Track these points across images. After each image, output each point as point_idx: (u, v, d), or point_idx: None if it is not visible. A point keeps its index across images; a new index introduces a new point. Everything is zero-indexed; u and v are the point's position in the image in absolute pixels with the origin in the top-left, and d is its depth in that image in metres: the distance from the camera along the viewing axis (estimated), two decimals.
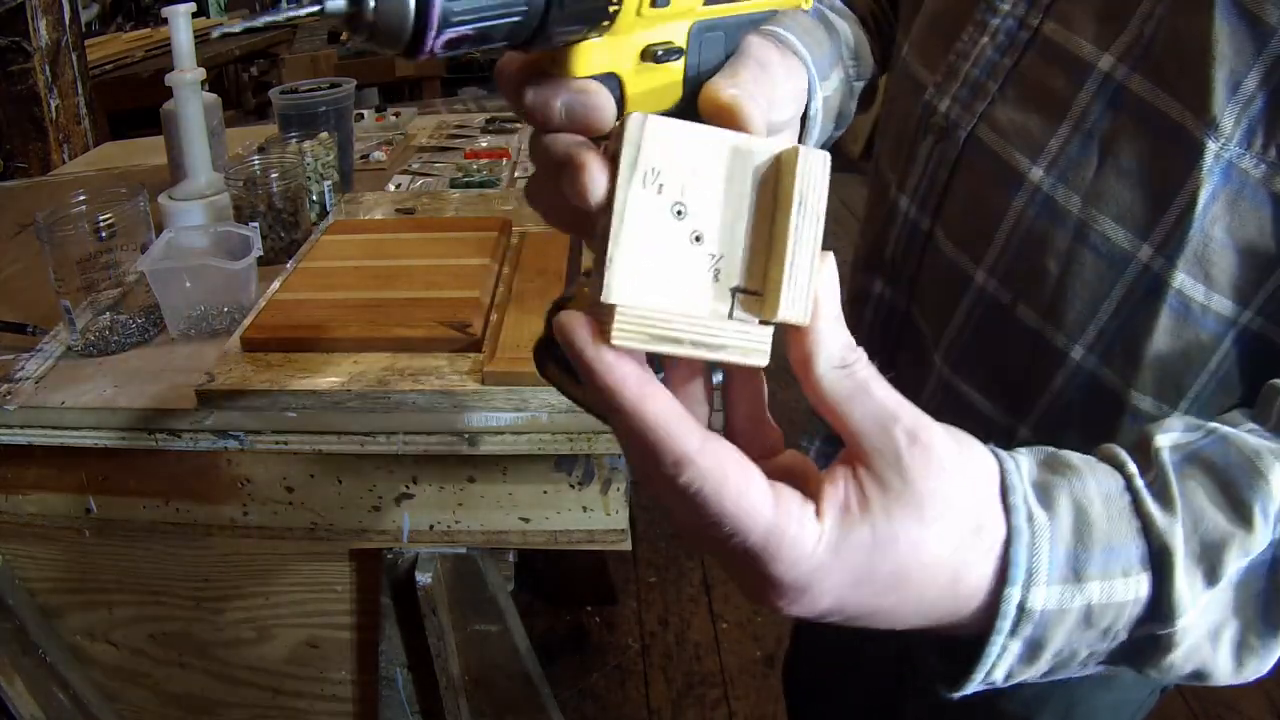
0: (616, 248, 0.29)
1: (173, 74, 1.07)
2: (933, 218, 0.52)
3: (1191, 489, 0.34)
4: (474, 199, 1.23)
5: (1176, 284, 0.43)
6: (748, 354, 0.31)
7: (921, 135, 0.52)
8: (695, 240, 0.30)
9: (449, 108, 1.96)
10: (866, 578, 0.31)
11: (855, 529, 0.30)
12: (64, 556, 0.97)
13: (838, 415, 0.31)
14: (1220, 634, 0.34)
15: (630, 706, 1.65)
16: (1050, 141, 0.45)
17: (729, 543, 0.30)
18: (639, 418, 0.29)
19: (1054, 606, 0.32)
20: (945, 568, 0.31)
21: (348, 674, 1.02)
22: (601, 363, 0.29)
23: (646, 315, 0.29)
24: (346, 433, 0.80)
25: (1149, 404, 0.46)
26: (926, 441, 0.31)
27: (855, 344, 0.31)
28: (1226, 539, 0.33)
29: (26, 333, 0.91)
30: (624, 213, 0.29)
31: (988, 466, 0.33)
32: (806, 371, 0.31)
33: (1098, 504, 0.33)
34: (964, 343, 0.51)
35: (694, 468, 0.29)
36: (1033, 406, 0.49)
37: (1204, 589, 0.33)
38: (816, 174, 0.30)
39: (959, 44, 0.50)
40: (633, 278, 0.29)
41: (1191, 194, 0.41)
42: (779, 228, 0.31)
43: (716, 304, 0.30)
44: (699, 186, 0.30)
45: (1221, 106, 0.39)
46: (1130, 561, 0.32)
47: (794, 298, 0.30)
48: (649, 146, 0.29)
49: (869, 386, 0.31)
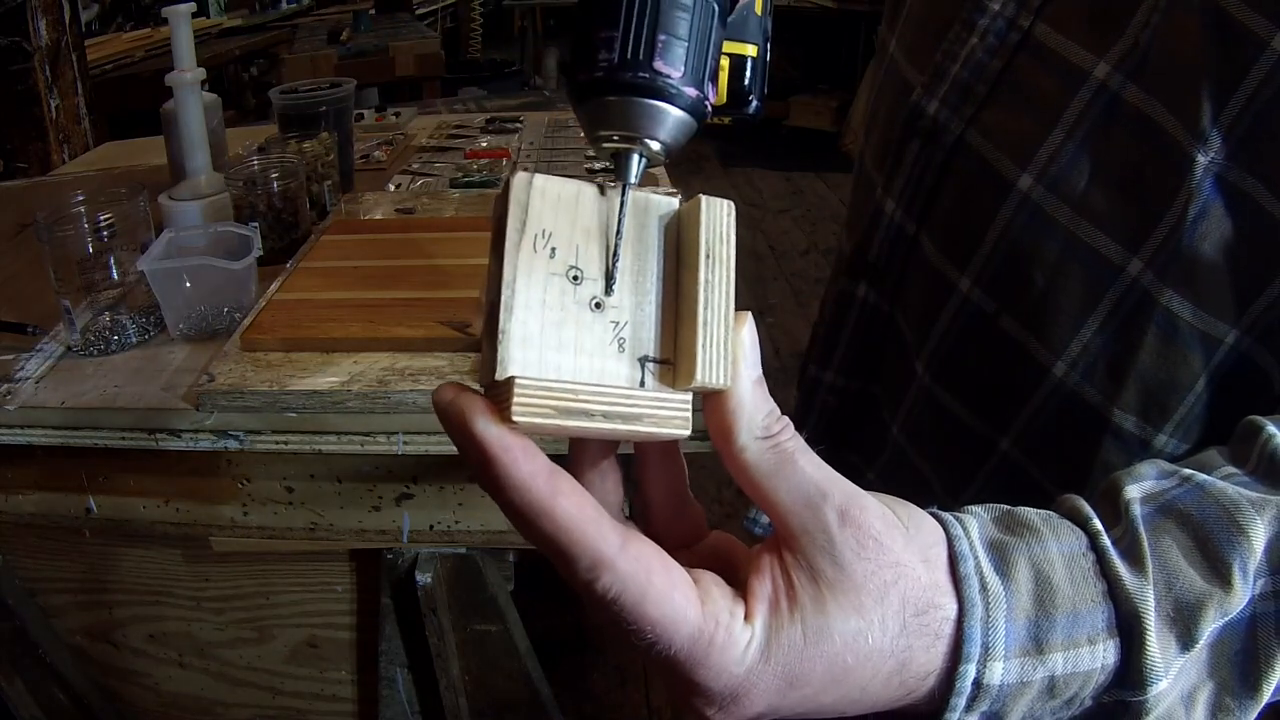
0: (510, 318, 0.26)
1: (173, 74, 1.07)
2: (919, 223, 0.51)
3: (1165, 546, 0.32)
4: (474, 199, 1.23)
5: (1164, 300, 0.41)
6: (665, 424, 0.28)
7: (909, 138, 0.51)
8: (595, 307, 0.28)
9: (449, 108, 1.96)
10: (801, 678, 0.28)
11: (785, 628, 0.28)
12: (64, 556, 0.98)
13: (762, 492, 0.29)
14: (1195, 697, 0.32)
15: (630, 707, 1.65)
16: (1040, 149, 0.44)
17: (652, 650, 0.28)
18: (549, 519, 0.26)
19: (1014, 680, 0.30)
20: (888, 657, 0.29)
21: (348, 674, 1.02)
22: (504, 452, 0.26)
23: (550, 387, 0.26)
24: (346, 433, 0.80)
25: (1132, 423, 0.44)
26: (859, 520, 0.29)
27: (780, 413, 0.29)
28: (1203, 600, 0.30)
29: (26, 333, 0.91)
30: (514, 281, 0.27)
31: (933, 537, 0.31)
32: (726, 443, 0.29)
33: (1059, 567, 0.31)
34: (946, 351, 0.50)
35: (612, 572, 0.26)
36: (1014, 419, 0.48)
37: (1178, 654, 0.30)
38: (723, 224, 0.28)
39: (946, 44, 0.49)
40: (530, 350, 0.26)
41: (1181, 208, 0.40)
42: (686, 286, 0.28)
43: (626, 374, 0.28)
44: (594, 248, 0.28)
45: (1210, 119, 0.38)
46: (1096, 628, 0.30)
47: (710, 361, 0.27)
48: (537, 207, 0.27)
49: (795, 460, 0.29)
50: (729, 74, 0.38)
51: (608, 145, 0.30)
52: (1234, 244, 0.40)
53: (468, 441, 0.26)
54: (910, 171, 0.51)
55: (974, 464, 0.51)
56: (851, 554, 0.28)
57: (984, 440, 0.50)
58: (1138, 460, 0.45)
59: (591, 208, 0.28)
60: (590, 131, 0.30)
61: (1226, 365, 0.42)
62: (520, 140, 1.58)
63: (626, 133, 0.29)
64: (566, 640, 1.77)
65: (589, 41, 0.29)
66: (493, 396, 0.27)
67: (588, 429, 0.27)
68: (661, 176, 1.37)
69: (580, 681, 1.69)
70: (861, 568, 0.28)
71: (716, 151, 4.87)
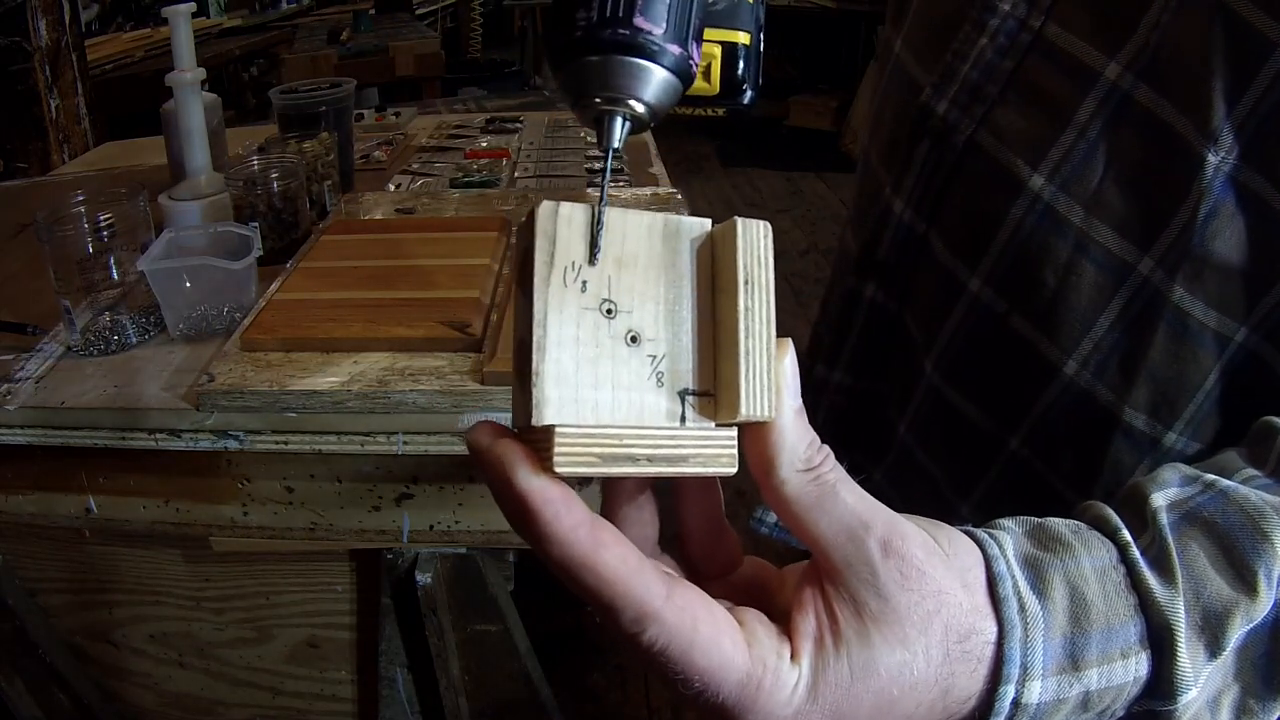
0: (543, 359, 0.25)
1: (173, 74, 1.07)
2: (928, 222, 0.51)
3: (1193, 554, 0.32)
4: (474, 199, 1.23)
5: (1175, 299, 0.42)
6: (712, 463, 0.27)
7: (918, 138, 0.51)
8: (631, 341, 0.26)
9: (449, 108, 1.96)
10: (848, 714, 0.28)
11: (831, 666, 0.28)
12: (64, 556, 0.98)
13: (803, 525, 0.28)
14: (1220, 701, 0.32)
15: (630, 706, 1.65)
16: (1052, 149, 0.44)
17: (700, 697, 0.27)
18: (593, 573, 0.26)
19: (1050, 698, 0.30)
20: (932, 685, 0.29)
21: (348, 674, 1.02)
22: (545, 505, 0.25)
23: (592, 433, 0.25)
24: (346, 433, 0.80)
25: (1143, 422, 0.45)
26: (902, 550, 0.28)
27: (820, 442, 0.29)
28: (1230, 607, 0.31)
29: (26, 333, 0.91)
30: (545, 318, 0.25)
31: (971, 559, 0.31)
32: (768, 476, 0.28)
33: (1093, 583, 0.31)
34: (956, 350, 0.50)
35: (659, 625, 0.26)
36: (1024, 419, 0.48)
37: (1206, 662, 0.31)
38: (760, 247, 0.27)
39: (956, 44, 0.48)
40: (565, 390, 0.25)
41: (1192, 207, 0.40)
42: (725, 314, 0.27)
43: (667, 409, 0.26)
44: (628, 278, 0.26)
45: (1221, 119, 0.38)
46: (1129, 641, 0.31)
47: (754, 393, 0.26)
48: (565, 237, 0.26)
49: (837, 491, 0.28)
50: (721, 62, 0.37)
51: (590, 110, 0.29)
52: (1244, 243, 0.40)
53: (508, 492, 0.26)
54: (920, 171, 0.51)
55: (983, 463, 0.51)
56: (895, 586, 0.28)
57: (993, 439, 0.50)
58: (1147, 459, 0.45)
59: (621, 235, 0.27)
60: (572, 99, 0.29)
61: (1237, 363, 0.43)
62: (520, 140, 1.58)
63: (608, 93, 0.28)
64: (566, 640, 1.77)
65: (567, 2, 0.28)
66: (529, 441, 0.26)
67: (634, 472, 0.26)
68: (662, 176, 1.37)
69: (580, 681, 1.69)
70: (905, 599, 0.28)
71: (716, 151, 4.87)
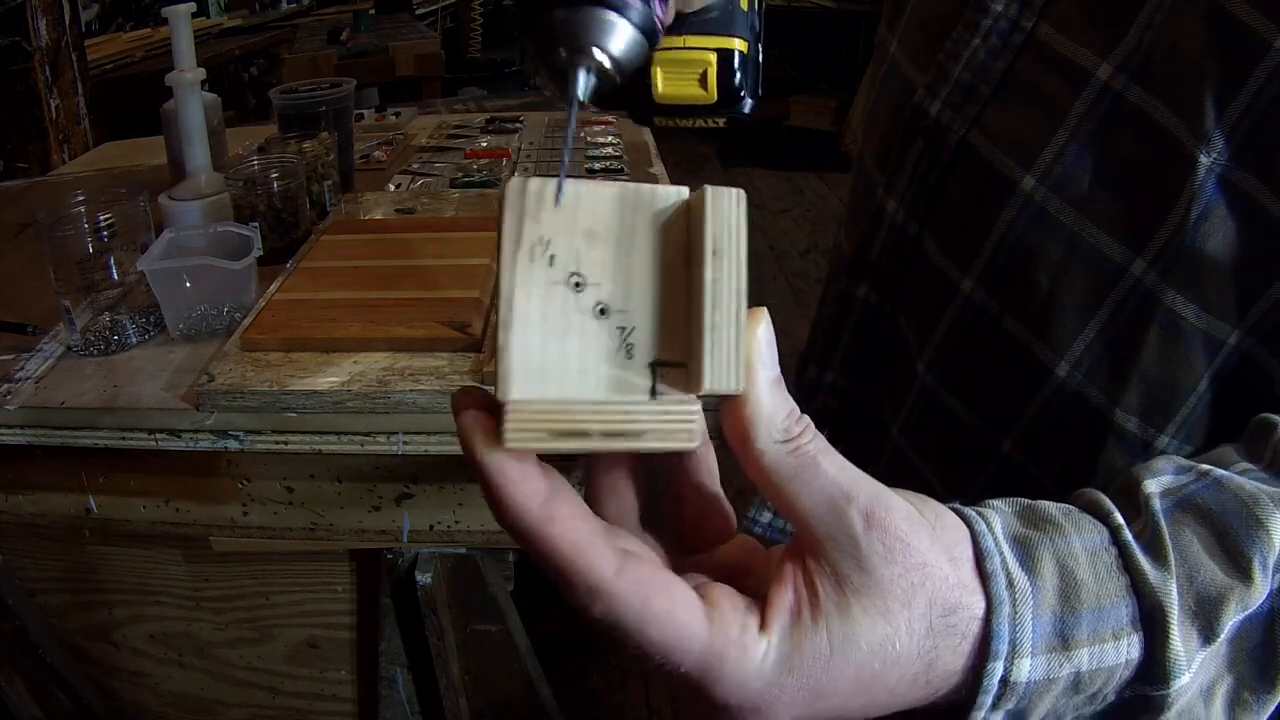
0: (509, 335, 0.25)
1: (173, 74, 1.07)
2: (921, 223, 0.51)
3: (1186, 539, 0.32)
4: (474, 199, 1.23)
5: (1168, 301, 0.41)
6: (670, 438, 0.27)
7: (911, 138, 0.51)
8: (600, 313, 0.26)
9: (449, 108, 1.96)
10: (828, 688, 0.28)
11: (808, 639, 0.27)
12: (64, 556, 0.98)
13: (783, 497, 0.28)
14: (1214, 691, 0.32)
15: (630, 706, 1.65)
16: (1044, 150, 0.44)
17: (661, 670, 0.27)
18: (544, 543, 0.26)
19: (1040, 676, 0.30)
20: (915, 659, 0.29)
21: (348, 674, 1.02)
22: (498, 476, 0.25)
23: (544, 409, 0.25)
24: (346, 433, 0.80)
25: (1135, 425, 0.44)
26: (885, 522, 0.28)
27: (800, 413, 0.28)
28: (1224, 593, 0.31)
29: (26, 333, 0.91)
30: (512, 295, 0.25)
31: (958, 534, 0.30)
32: (745, 448, 0.28)
33: (1083, 562, 0.31)
34: (948, 352, 0.50)
35: (608, 599, 0.26)
36: (1016, 420, 0.48)
37: (1200, 648, 0.31)
38: (731, 216, 0.26)
39: (949, 45, 0.48)
40: (531, 366, 0.26)
41: (1184, 209, 0.40)
42: (695, 285, 0.27)
43: (636, 382, 0.27)
44: (598, 251, 0.27)
45: (1213, 120, 0.38)
46: (1121, 622, 0.30)
47: (719, 364, 0.26)
48: (533, 213, 0.26)
49: (817, 462, 0.28)
50: (717, 68, 0.36)
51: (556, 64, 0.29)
52: (1236, 245, 0.40)
53: (470, 461, 0.26)
54: (913, 172, 0.51)
55: (975, 465, 0.51)
56: (878, 558, 0.28)
57: (986, 441, 0.49)
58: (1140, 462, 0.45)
59: (591, 208, 0.27)
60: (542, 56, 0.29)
61: (1229, 366, 0.42)
62: (520, 140, 1.58)
63: (574, 44, 0.29)
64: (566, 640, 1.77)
65: None
66: (499, 415, 0.26)
67: (587, 447, 0.26)
68: (662, 176, 1.37)
69: (580, 681, 1.69)
70: (888, 572, 0.28)
71: (716, 152, 4.87)
